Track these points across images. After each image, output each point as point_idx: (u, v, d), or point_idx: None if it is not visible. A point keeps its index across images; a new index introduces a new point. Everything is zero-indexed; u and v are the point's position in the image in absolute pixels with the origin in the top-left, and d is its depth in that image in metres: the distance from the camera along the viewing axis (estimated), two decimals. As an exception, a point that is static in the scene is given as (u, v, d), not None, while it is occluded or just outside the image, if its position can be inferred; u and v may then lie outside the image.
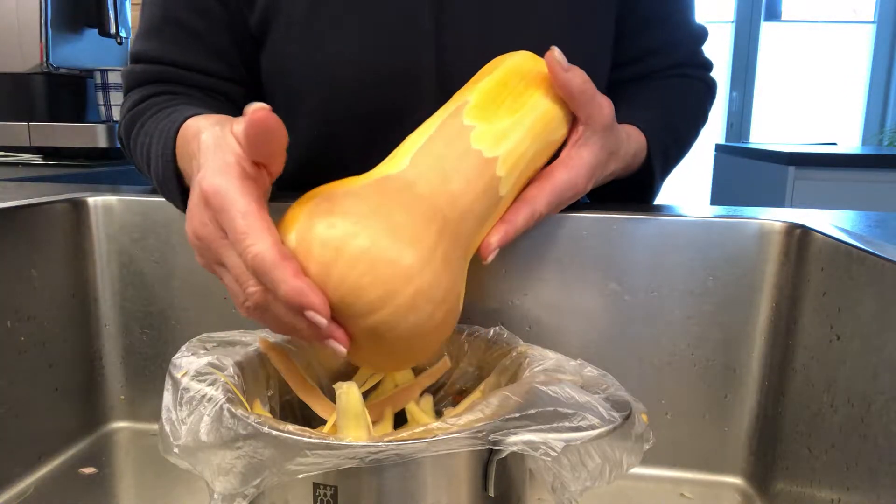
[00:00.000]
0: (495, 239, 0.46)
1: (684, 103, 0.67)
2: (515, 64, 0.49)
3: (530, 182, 0.48)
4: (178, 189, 0.50)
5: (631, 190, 0.61)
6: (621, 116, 0.52)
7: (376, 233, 0.36)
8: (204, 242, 0.38)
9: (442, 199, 0.40)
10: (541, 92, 0.47)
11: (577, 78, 0.47)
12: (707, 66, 0.71)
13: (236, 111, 0.63)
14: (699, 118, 0.69)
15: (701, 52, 0.71)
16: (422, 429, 0.34)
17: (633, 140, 0.56)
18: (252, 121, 0.34)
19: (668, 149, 0.61)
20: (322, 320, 0.34)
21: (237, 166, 0.37)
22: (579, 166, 0.49)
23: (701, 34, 0.70)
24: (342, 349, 0.37)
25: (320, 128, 0.62)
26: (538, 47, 0.51)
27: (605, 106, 0.49)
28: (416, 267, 0.36)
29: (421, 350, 0.40)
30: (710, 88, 0.71)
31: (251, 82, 0.65)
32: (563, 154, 0.50)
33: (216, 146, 0.38)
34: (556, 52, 0.46)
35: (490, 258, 0.46)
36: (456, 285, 0.39)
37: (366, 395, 0.47)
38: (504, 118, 0.45)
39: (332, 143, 0.62)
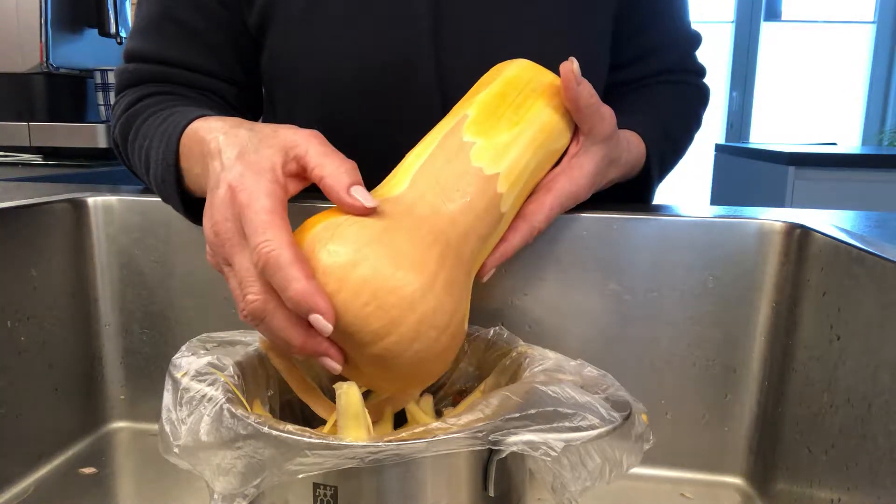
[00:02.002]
0: (491, 260, 0.46)
1: (680, 110, 0.68)
2: (514, 74, 0.48)
3: (531, 192, 0.48)
4: (177, 193, 0.50)
5: (627, 194, 0.61)
6: (620, 122, 0.52)
7: (378, 261, 0.35)
8: (220, 239, 0.38)
9: (443, 221, 0.40)
10: (541, 102, 0.47)
11: (585, 91, 0.47)
12: (700, 71, 0.72)
13: (232, 111, 0.63)
14: (693, 125, 0.70)
15: (695, 57, 0.71)
16: (422, 429, 0.34)
17: (633, 149, 0.56)
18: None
19: (664, 156, 0.61)
20: (327, 326, 0.34)
21: (270, 172, 0.37)
22: (580, 176, 0.49)
23: (695, 39, 0.71)
24: (336, 366, 0.37)
25: (320, 127, 0.62)
26: (537, 47, 0.51)
27: (607, 117, 0.49)
28: (419, 294, 0.36)
29: (426, 375, 0.40)
30: (703, 95, 0.71)
31: (247, 82, 0.65)
32: (564, 163, 0.49)
33: (251, 150, 0.39)
34: (574, 65, 0.46)
35: (486, 278, 0.46)
36: (459, 309, 0.39)
37: (366, 395, 0.47)
38: (504, 132, 0.44)
39: (332, 142, 0.62)
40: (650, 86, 0.69)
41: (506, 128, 0.44)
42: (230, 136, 0.41)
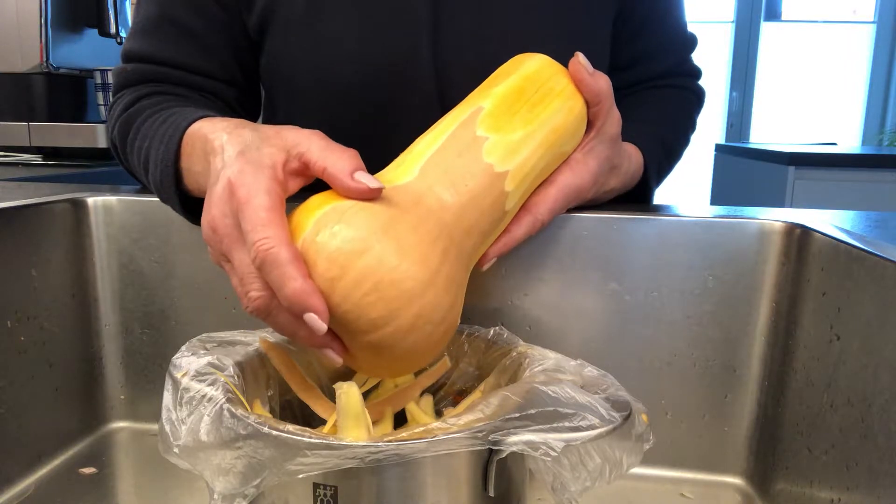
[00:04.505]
0: (494, 249, 0.46)
1: (676, 116, 0.69)
2: (534, 70, 0.48)
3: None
4: (176, 193, 0.50)
5: (626, 199, 0.61)
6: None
7: (383, 252, 0.35)
8: (218, 235, 0.38)
9: (449, 215, 0.40)
10: (557, 103, 0.47)
11: (603, 81, 0.48)
12: (696, 74, 0.72)
13: (231, 112, 0.63)
14: (689, 129, 0.71)
15: (691, 60, 0.72)
16: (422, 429, 0.34)
17: (633, 160, 0.57)
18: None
19: (661, 164, 0.62)
20: (321, 325, 0.35)
21: (270, 169, 0.38)
22: (585, 172, 0.49)
23: (692, 42, 0.71)
24: (338, 359, 0.38)
25: (320, 127, 0.62)
26: (536, 47, 0.51)
27: (616, 118, 0.50)
28: (420, 289, 0.36)
29: (416, 364, 0.41)
30: (699, 98, 0.72)
31: (245, 84, 0.65)
32: (570, 159, 0.50)
33: (253, 148, 0.39)
34: (580, 58, 0.47)
35: (486, 267, 0.46)
36: (455, 305, 0.39)
37: (366, 395, 0.47)
38: (518, 129, 0.44)
39: (332, 142, 0.62)
40: (647, 90, 0.69)
41: (520, 125, 0.44)
42: (234, 135, 0.41)
